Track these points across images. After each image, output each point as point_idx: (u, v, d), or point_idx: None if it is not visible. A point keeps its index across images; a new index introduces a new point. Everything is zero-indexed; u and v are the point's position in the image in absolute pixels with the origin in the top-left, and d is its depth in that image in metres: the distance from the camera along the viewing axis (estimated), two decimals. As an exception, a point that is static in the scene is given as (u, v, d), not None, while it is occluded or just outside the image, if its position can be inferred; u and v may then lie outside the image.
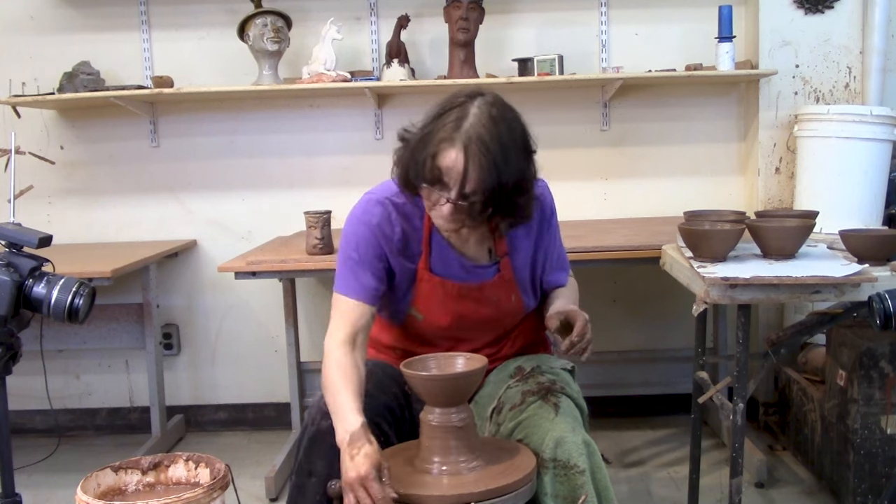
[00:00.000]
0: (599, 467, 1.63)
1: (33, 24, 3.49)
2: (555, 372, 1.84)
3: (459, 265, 1.79)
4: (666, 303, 3.56)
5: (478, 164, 1.51)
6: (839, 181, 2.92)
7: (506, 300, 1.82)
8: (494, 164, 1.51)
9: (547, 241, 1.86)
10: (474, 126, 1.53)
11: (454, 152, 1.52)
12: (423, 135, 1.58)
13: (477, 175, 1.52)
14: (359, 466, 1.46)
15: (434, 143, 1.55)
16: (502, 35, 3.49)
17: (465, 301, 1.79)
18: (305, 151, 3.55)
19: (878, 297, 1.72)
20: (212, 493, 1.53)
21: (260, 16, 3.23)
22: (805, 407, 2.92)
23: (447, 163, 1.53)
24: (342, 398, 1.59)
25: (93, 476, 1.62)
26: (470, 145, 1.51)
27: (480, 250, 1.80)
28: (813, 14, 3.29)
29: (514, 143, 1.56)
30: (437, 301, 1.79)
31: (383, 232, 1.74)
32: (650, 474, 3.02)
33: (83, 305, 1.64)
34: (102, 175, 3.58)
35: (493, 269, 1.81)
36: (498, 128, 1.53)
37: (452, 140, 1.53)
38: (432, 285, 1.78)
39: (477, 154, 1.51)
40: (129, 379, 3.69)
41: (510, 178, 1.54)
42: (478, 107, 1.56)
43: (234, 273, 2.84)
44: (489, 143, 1.51)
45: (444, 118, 1.56)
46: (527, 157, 1.61)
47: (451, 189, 1.55)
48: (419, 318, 1.82)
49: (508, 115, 1.58)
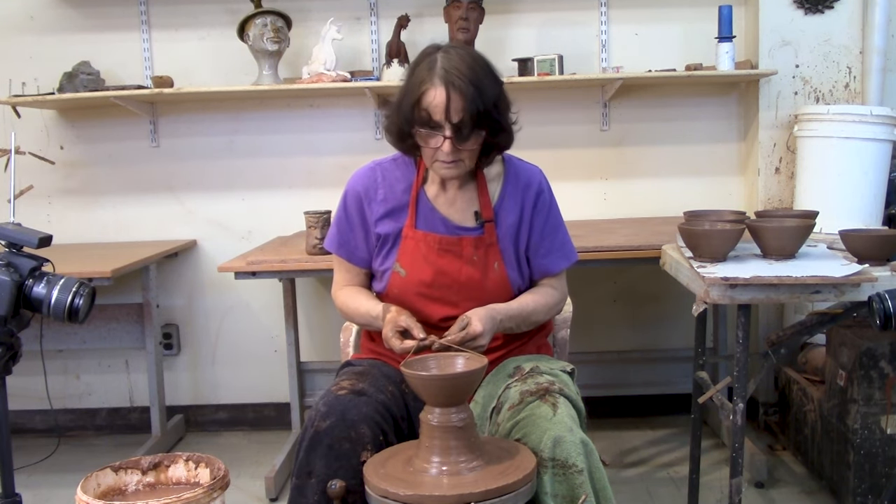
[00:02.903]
0: (597, 467, 1.64)
1: (33, 24, 3.50)
2: (554, 373, 1.84)
3: (444, 225, 1.89)
4: (666, 303, 3.56)
5: (459, 92, 1.69)
6: (839, 181, 2.92)
7: (487, 265, 1.88)
8: (474, 87, 1.70)
9: (540, 220, 1.93)
10: (445, 64, 1.72)
11: (435, 90, 1.70)
12: (404, 89, 1.78)
13: (461, 101, 1.69)
14: (386, 323, 1.72)
15: (415, 90, 1.73)
16: (502, 35, 3.49)
17: (446, 256, 1.87)
18: (305, 151, 3.55)
19: (878, 297, 1.72)
20: (212, 493, 1.53)
21: (260, 16, 3.23)
22: (805, 407, 2.92)
23: (433, 101, 1.71)
24: (358, 302, 1.89)
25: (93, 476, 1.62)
26: (448, 78, 1.70)
27: (467, 213, 1.90)
28: (813, 14, 3.29)
29: (484, 70, 1.75)
30: (420, 255, 1.88)
31: (368, 196, 1.92)
32: (650, 474, 3.02)
33: (83, 305, 1.64)
34: (102, 175, 3.58)
35: (478, 233, 1.89)
36: (466, 61, 1.73)
37: (431, 80, 1.71)
38: (416, 241, 1.89)
39: (457, 83, 1.69)
40: (129, 379, 3.69)
41: (489, 97, 1.73)
42: (444, 51, 1.75)
43: (234, 273, 2.84)
44: (464, 72, 1.70)
45: (418, 70, 1.75)
46: (497, 83, 1.79)
47: (444, 124, 1.72)
48: (402, 274, 1.88)
49: (473, 52, 1.80)
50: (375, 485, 1.51)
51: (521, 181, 1.93)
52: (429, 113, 1.71)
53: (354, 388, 1.75)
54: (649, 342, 3.63)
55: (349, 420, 1.66)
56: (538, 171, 1.97)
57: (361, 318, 1.89)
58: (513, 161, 1.96)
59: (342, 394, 1.73)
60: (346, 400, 1.70)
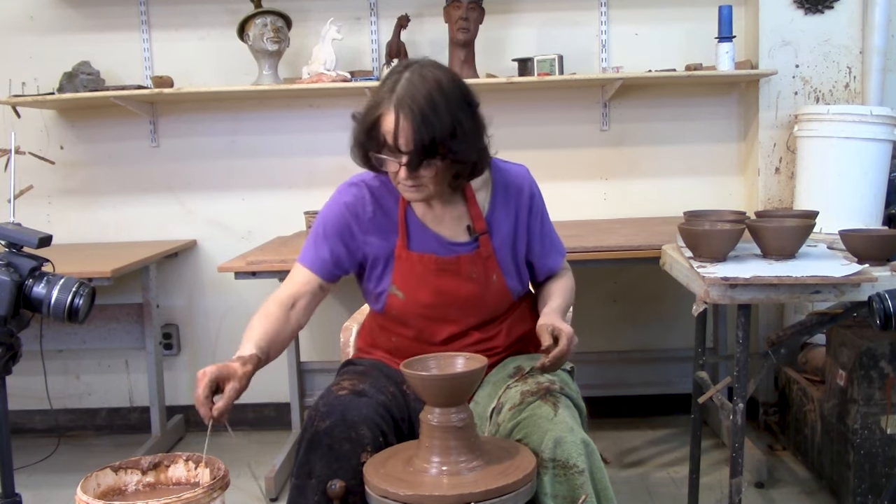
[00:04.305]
0: (599, 467, 1.63)
1: (33, 24, 3.49)
2: (554, 372, 1.84)
3: (437, 243, 1.84)
4: (666, 303, 3.56)
5: (408, 119, 1.62)
6: (839, 181, 2.92)
7: (486, 279, 1.85)
8: (423, 116, 1.62)
9: (532, 222, 1.89)
10: (404, 88, 1.65)
11: (389, 114, 1.65)
12: (366, 109, 1.72)
13: (409, 129, 1.62)
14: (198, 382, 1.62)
15: (372, 112, 1.68)
16: (502, 35, 3.49)
17: (444, 276, 1.82)
18: (305, 151, 3.55)
19: (878, 297, 1.72)
20: (212, 493, 1.52)
21: (260, 16, 3.23)
22: (805, 407, 2.92)
23: (386, 127, 1.65)
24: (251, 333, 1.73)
25: (93, 476, 1.61)
26: (400, 105, 1.63)
27: (458, 228, 1.85)
28: (813, 14, 3.29)
29: (443, 96, 1.65)
30: (417, 277, 1.83)
31: (355, 212, 1.84)
32: (650, 474, 3.02)
33: (83, 305, 1.64)
34: (102, 175, 3.58)
35: (473, 247, 1.84)
36: (426, 85, 1.64)
37: (387, 105, 1.65)
38: (410, 262, 1.83)
39: (407, 110, 1.62)
40: (129, 379, 3.69)
41: (442, 127, 1.63)
42: (410, 71, 1.68)
43: (234, 273, 2.84)
44: (417, 99, 1.63)
45: (380, 89, 1.70)
46: (464, 109, 1.69)
47: (399, 150, 1.65)
48: (400, 297, 1.84)
49: (438, 74, 1.68)
50: (375, 485, 1.51)
51: (512, 186, 1.88)
52: (384, 137, 1.66)
53: (355, 389, 1.74)
54: (649, 342, 3.62)
55: (349, 421, 1.66)
56: (525, 172, 1.92)
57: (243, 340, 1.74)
58: (498, 165, 1.89)
59: (343, 394, 1.72)
60: (347, 400, 1.70)
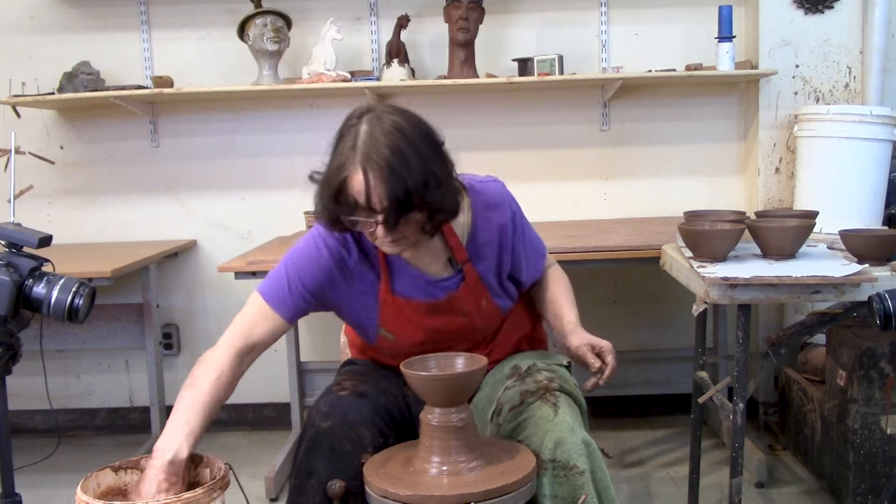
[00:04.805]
0: (600, 467, 1.63)
1: (33, 24, 3.49)
2: (551, 368, 1.83)
3: (423, 281, 1.76)
4: (666, 303, 3.56)
5: (378, 177, 1.51)
6: (839, 181, 2.92)
7: (476, 307, 1.79)
8: (391, 171, 1.50)
9: (516, 242, 1.82)
10: (366, 143, 1.53)
11: (357, 175, 1.52)
12: (328, 170, 1.59)
13: (383, 189, 1.51)
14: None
15: (338, 174, 1.55)
16: (502, 35, 3.49)
17: (434, 316, 1.77)
18: (305, 151, 3.55)
19: (878, 297, 1.72)
20: (212, 493, 1.52)
21: (260, 16, 3.23)
22: (805, 407, 2.92)
23: (356, 188, 1.53)
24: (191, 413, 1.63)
25: (93, 476, 1.61)
26: (367, 162, 1.51)
27: (439, 263, 1.77)
28: (813, 14, 3.29)
29: (410, 146, 1.54)
30: (406, 320, 1.77)
31: (340, 258, 1.74)
32: (650, 474, 3.02)
33: (83, 305, 1.64)
34: (102, 175, 3.58)
35: (458, 279, 1.77)
36: (389, 136, 1.53)
37: (352, 164, 1.53)
38: (397, 307, 1.76)
39: (374, 167, 1.51)
40: (129, 379, 3.69)
41: (417, 180, 1.52)
42: (367, 123, 1.56)
43: (234, 273, 2.84)
44: (383, 153, 1.51)
45: (340, 146, 1.57)
46: (432, 153, 1.58)
47: (373, 211, 1.54)
48: (390, 338, 1.80)
49: (397, 120, 1.57)
50: (375, 485, 1.51)
51: (491, 208, 1.79)
52: (354, 199, 1.54)
53: (356, 390, 1.74)
54: (649, 342, 3.62)
55: (350, 421, 1.66)
56: (501, 188, 1.82)
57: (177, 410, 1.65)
58: (474, 186, 1.78)
59: (344, 394, 1.72)
60: (348, 401, 1.70)
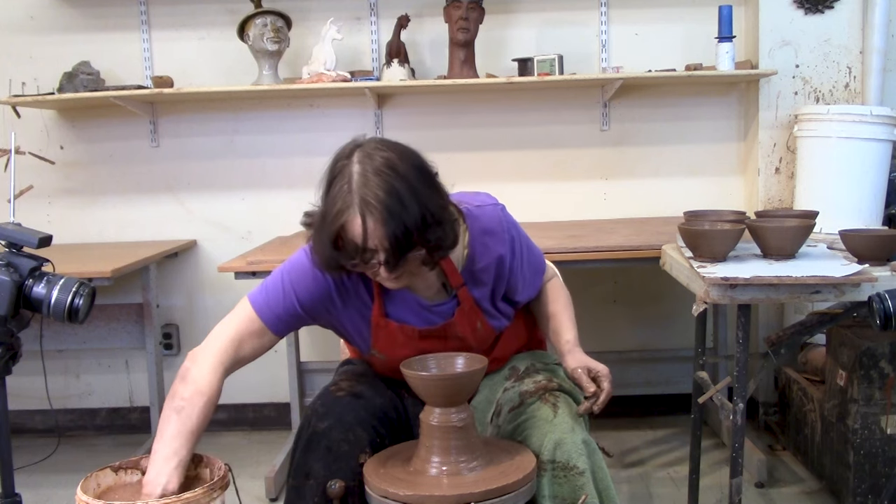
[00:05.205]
0: (600, 467, 1.63)
1: (33, 24, 3.49)
2: (550, 368, 1.83)
3: (418, 306, 1.74)
4: (666, 303, 3.56)
5: (377, 220, 1.47)
6: (839, 181, 2.92)
7: (472, 331, 1.77)
8: (390, 213, 1.47)
9: (514, 264, 1.78)
10: (360, 186, 1.49)
11: (355, 219, 1.49)
12: (323, 214, 1.55)
13: (382, 231, 1.48)
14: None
15: (335, 221, 1.51)
16: (502, 35, 3.49)
17: (428, 340, 1.75)
18: (305, 151, 3.55)
19: (878, 297, 1.72)
20: (212, 493, 1.52)
21: (260, 16, 3.23)
22: (805, 407, 2.92)
23: (355, 232, 1.49)
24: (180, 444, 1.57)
25: (93, 476, 1.61)
26: (364, 206, 1.48)
27: (434, 288, 1.75)
28: (813, 14, 3.29)
29: (405, 185, 1.50)
30: (399, 344, 1.75)
31: (339, 277, 1.70)
32: (650, 474, 3.02)
33: (83, 305, 1.64)
34: (102, 175, 3.58)
35: (453, 304, 1.75)
36: (382, 177, 1.49)
37: (349, 209, 1.49)
38: (390, 331, 1.74)
39: (372, 210, 1.47)
40: (129, 379, 3.69)
41: (415, 219, 1.50)
42: (359, 163, 1.51)
43: (234, 273, 2.84)
44: (379, 195, 1.48)
45: (333, 189, 1.53)
46: (427, 188, 1.55)
47: (375, 252, 1.51)
48: (383, 359, 1.80)
49: (391, 158, 1.53)
50: (375, 485, 1.51)
51: (488, 233, 1.74)
52: (354, 244, 1.50)
53: (353, 391, 1.74)
54: (649, 342, 3.62)
55: (347, 422, 1.66)
56: (500, 212, 1.78)
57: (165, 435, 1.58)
58: (471, 212, 1.74)
59: (341, 395, 1.72)
60: (345, 402, 1.70)
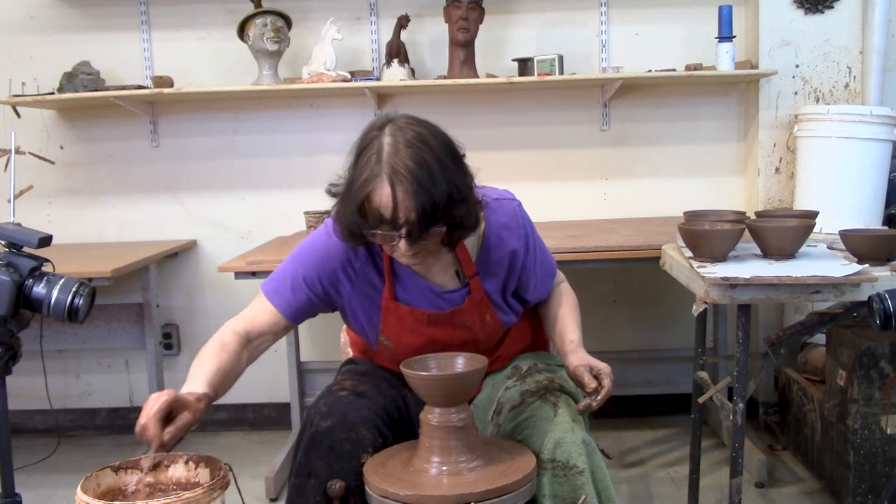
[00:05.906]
0: (599, 466, 1.63)
1: (33, 24, 3.50)
2: (552, 369, 1.83)
3: (429, 291, 1.75)
4: (666, 303, 3.56)
5: (406, 191, 1.49)
6: (839, 181, 2.92)
7: (480, 322, 1.78)
8: (419, 185, 1.49)
9: (527, 260, 1.79)
10: (391, 156, 1.50)
11: (383, 188, 1.50)
12: (350, 182, 1.56)
13: (410, 203, 1.49)
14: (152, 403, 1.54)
15: (363, 188, 1.52)
16: (502, 35, 3.49)
17: (436, 326, 1.76)
18: (305, 151, 3.55)
19: (878, 297, 1.72)
20: (212, 493, 1.52)
21: (260, 16, 3.23)
22: (805, 407, 2.92)
23: (382, 201, 1.51)
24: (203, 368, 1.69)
25: (93, 476, 1.61)
26: (394, 177, 1.49)
27: (447, 274, 1.76)
28: (813, 14, 3.29)
29: (435, 159, 1.52)
30: (407, 329, 1.75)
31: (347, 258, 1.73)
32: (650, 474, 3.02)
33: (83, 305, 1.65)
34: (102, 175, 3.58)
35: (464, 292, 1.76)
36: (414, 149, 1.51)
37: (378, 177, 1.50)
38: (399, 314, 1.75)
39: (402, 180, 1.49)
40: (129, 379, 3.69)
41: (443, 193, 1.51)
42: (390, 135, 1.53)
43: (234, 273, 2.84)
44: (410, 166, 1.49)
45: (363, 158, 1.54)
46: (455, 166, 1.57)
47: (398, 224, 1.52)
48: (390, 346, 1.80)
49: (423, 133, 1.55)
50: (375, 485, 1.51)
51: (504, 227, 1.76)
52: (379, 213, 1.51)
53: (356, 390, 1.74)
54: (649, 342, 3.63)
55: (349, 422, 1.66)
56: (517, 207, 1.79)
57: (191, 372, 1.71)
58: (488, 202, 1.74)
59: (343, 394, 1.72)
60: (348, 401, 1.70)
